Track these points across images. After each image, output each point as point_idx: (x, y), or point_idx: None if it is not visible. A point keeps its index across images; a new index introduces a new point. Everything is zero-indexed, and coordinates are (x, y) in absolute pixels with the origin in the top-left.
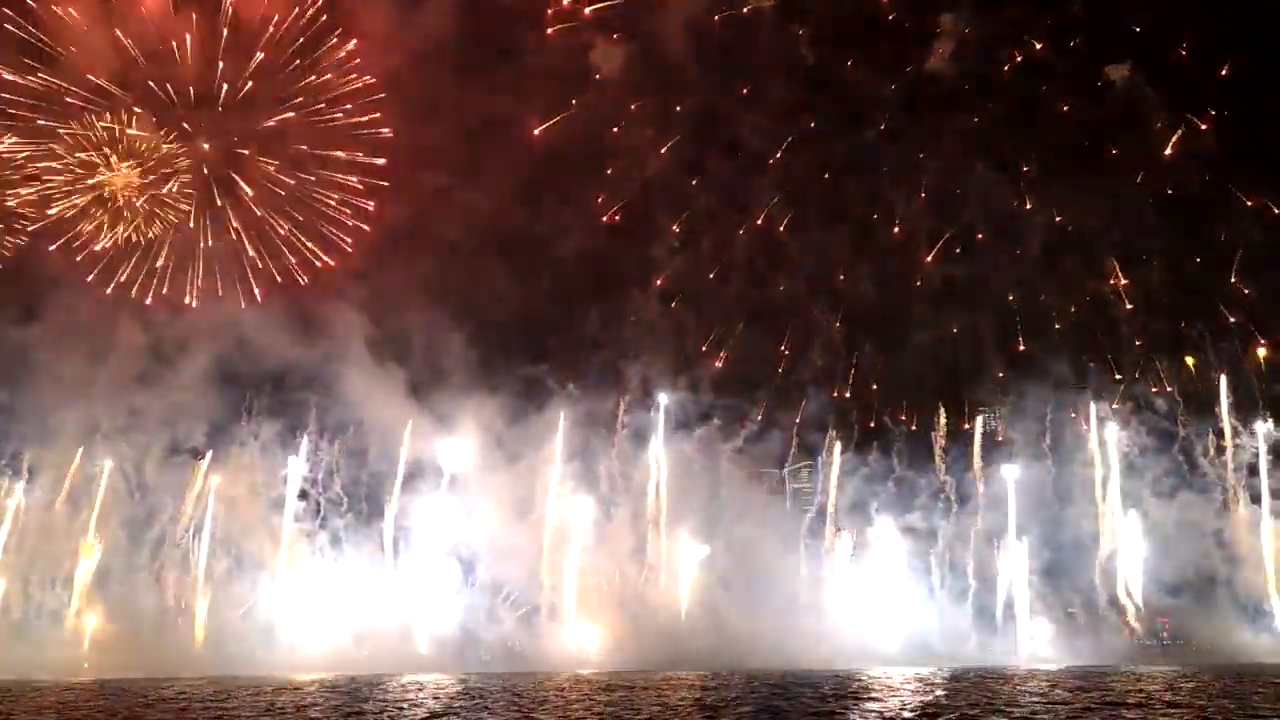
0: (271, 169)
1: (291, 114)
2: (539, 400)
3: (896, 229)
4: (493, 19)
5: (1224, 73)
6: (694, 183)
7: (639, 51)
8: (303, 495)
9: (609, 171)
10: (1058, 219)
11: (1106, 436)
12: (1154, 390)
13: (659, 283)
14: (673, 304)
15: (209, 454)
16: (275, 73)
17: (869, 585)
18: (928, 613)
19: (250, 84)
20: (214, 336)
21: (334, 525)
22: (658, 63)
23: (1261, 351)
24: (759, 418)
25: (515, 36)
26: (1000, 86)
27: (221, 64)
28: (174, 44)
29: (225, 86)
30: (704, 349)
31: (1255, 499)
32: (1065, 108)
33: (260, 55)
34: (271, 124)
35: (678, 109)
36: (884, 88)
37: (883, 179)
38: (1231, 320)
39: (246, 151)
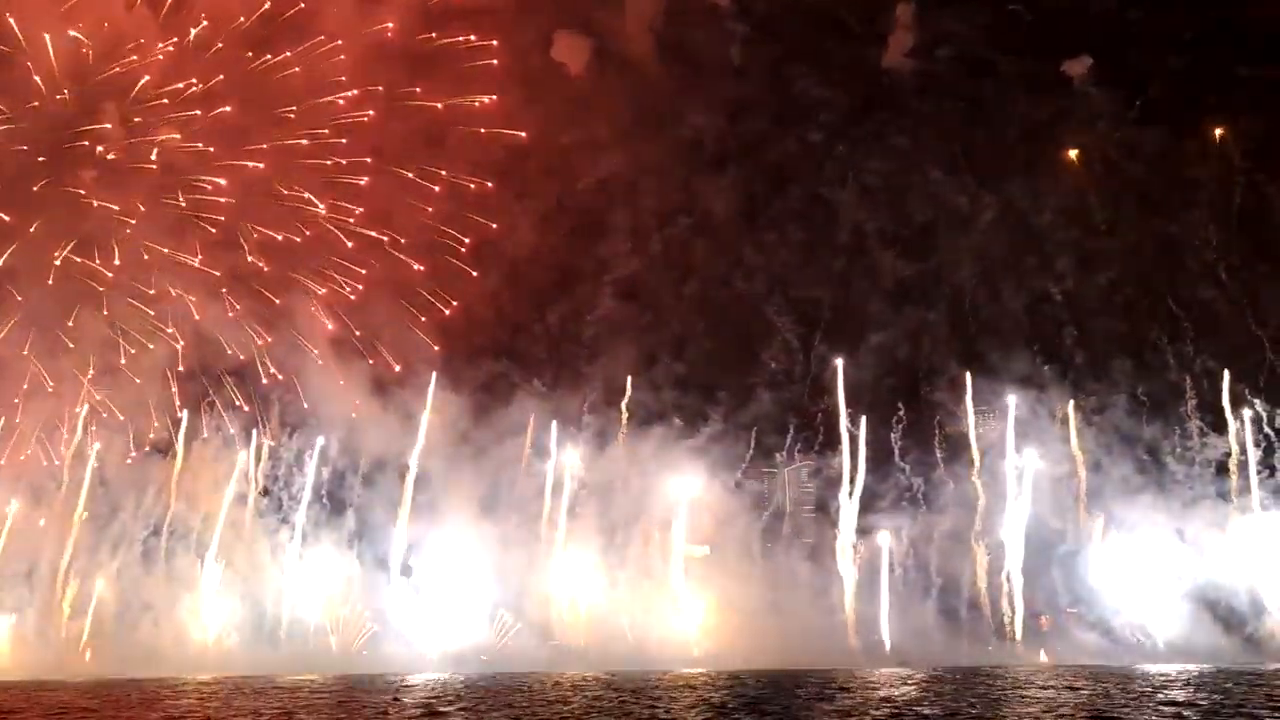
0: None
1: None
2: (506, 397)
3: (851, 228)
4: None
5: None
6: (649, 181)
7: (601, 48)
8: (265, 492)
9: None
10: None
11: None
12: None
13: (616, 282)
14: (631, 303)
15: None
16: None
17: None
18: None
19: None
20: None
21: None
22: (619, 60)
23: None
24: (720, 418)
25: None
26: (955, 82)
27: None
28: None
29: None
30: (664, 349)
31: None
32: (1020, 103)
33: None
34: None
35: (636, 106)
36: (838, 85)
37: (835, 178)
38: (1185, 322)
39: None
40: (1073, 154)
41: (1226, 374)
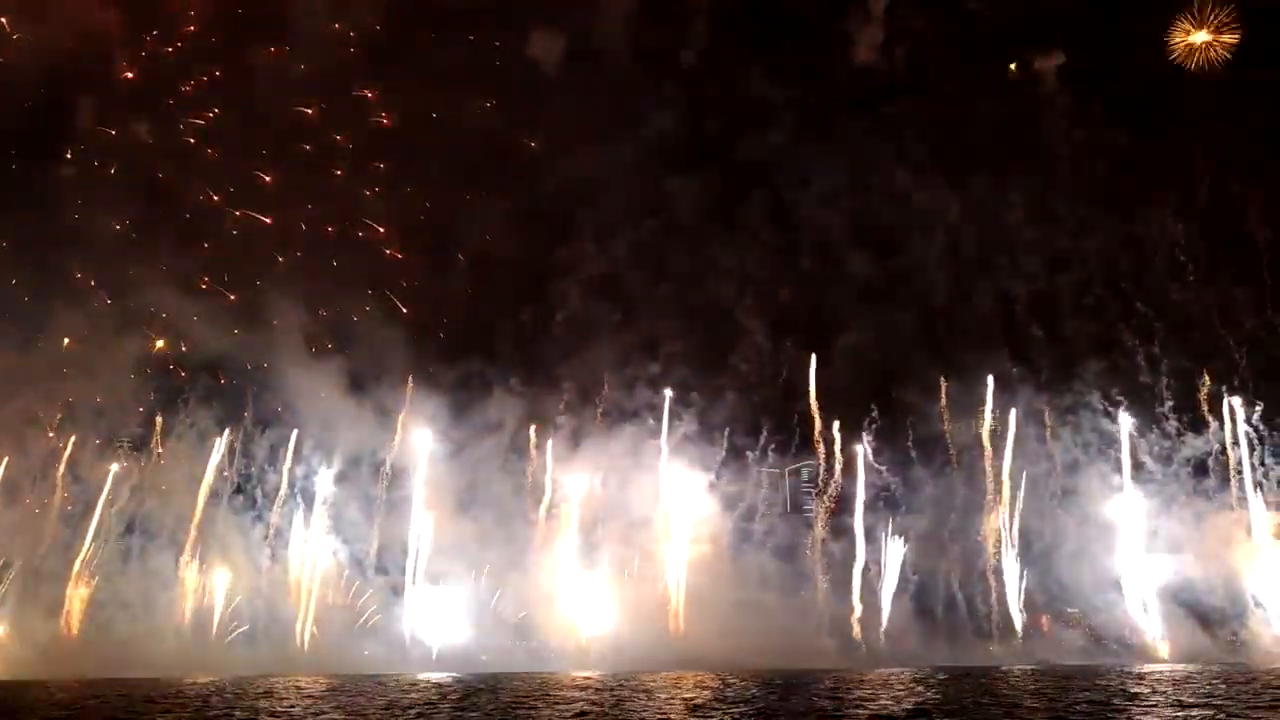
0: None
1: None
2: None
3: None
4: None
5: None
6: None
7: (574, 44)
8: (239, 490)
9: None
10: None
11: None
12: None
13: (586, 281)
14: (604, 302)
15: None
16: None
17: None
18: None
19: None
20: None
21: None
22: (591, 57)
23: None
24: (696, 419)
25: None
26: (923, 79)
27: None
28: None
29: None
30: (637, 349)
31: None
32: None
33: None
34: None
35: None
36: (806, 83)
37: (800, 178)
38: (1155, 322)
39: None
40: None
41: (1206, 375)
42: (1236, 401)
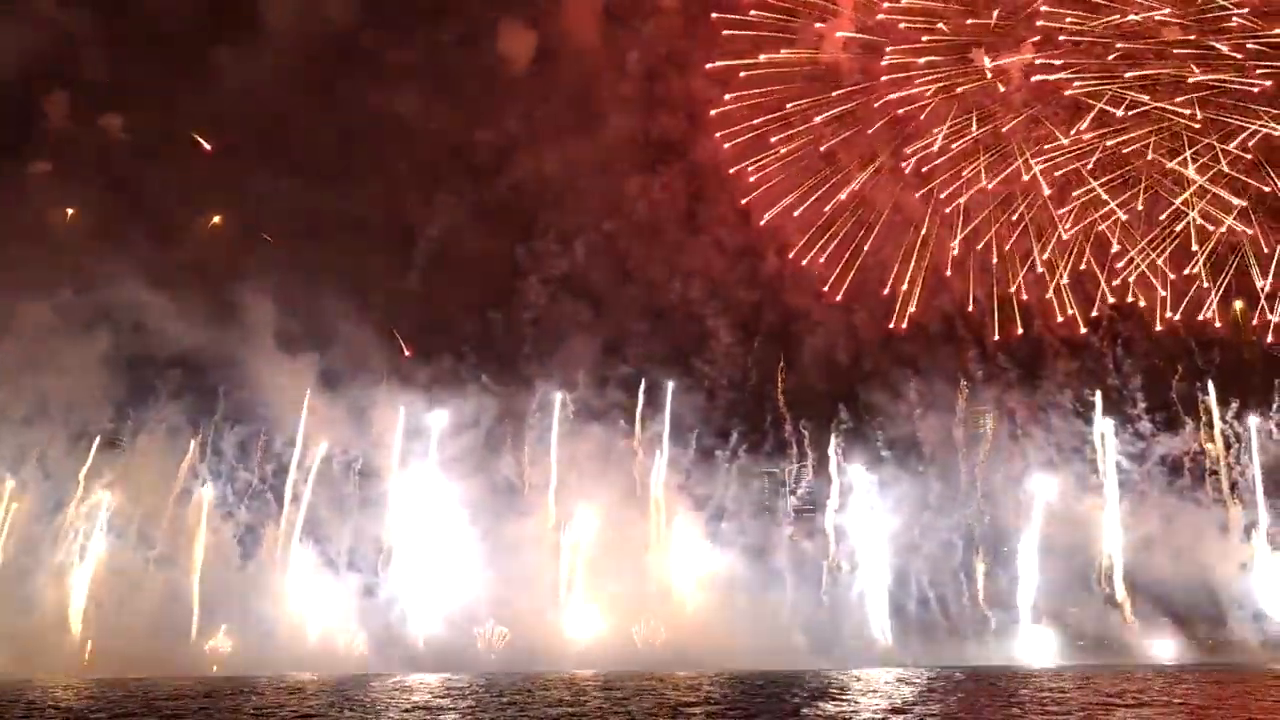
0: None
1: None
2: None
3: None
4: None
5: None
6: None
7: (546, 43)
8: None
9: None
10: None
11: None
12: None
13: (554, 281)
14: (573, 303)
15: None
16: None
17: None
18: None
19: None
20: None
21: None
22: (563, 55)
23: None
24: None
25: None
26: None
27: None
28: None
29: None
30: (605, 350)
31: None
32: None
33: None
34: None
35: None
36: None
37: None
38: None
39: None
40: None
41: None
42: (1212, 400)
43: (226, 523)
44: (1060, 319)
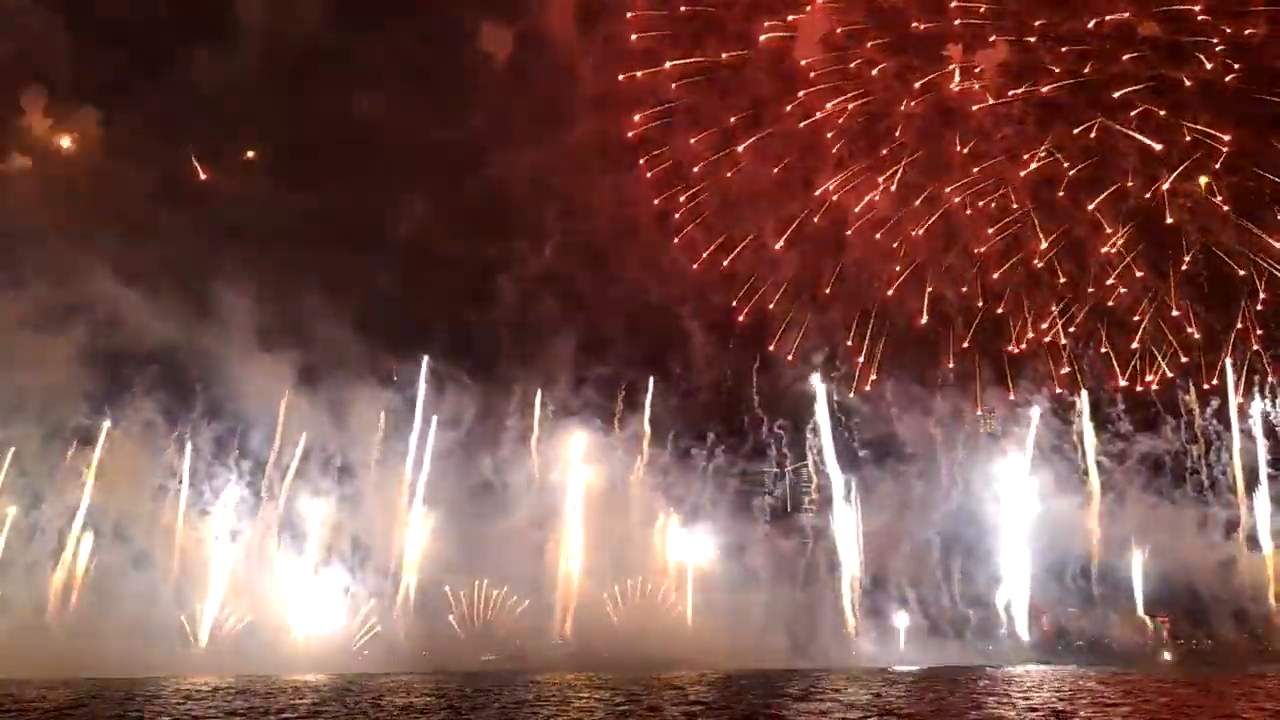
0: None
1: None
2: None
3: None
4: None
5: None
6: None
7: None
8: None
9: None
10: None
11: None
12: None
13: (532, 280)
14: (550, 301)
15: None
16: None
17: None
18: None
19: None
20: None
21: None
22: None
23: None
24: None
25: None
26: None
27: None
28: None
29: None
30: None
31: None
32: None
33: None
34: None
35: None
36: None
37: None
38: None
39: None
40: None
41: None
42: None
43: (204, 519)
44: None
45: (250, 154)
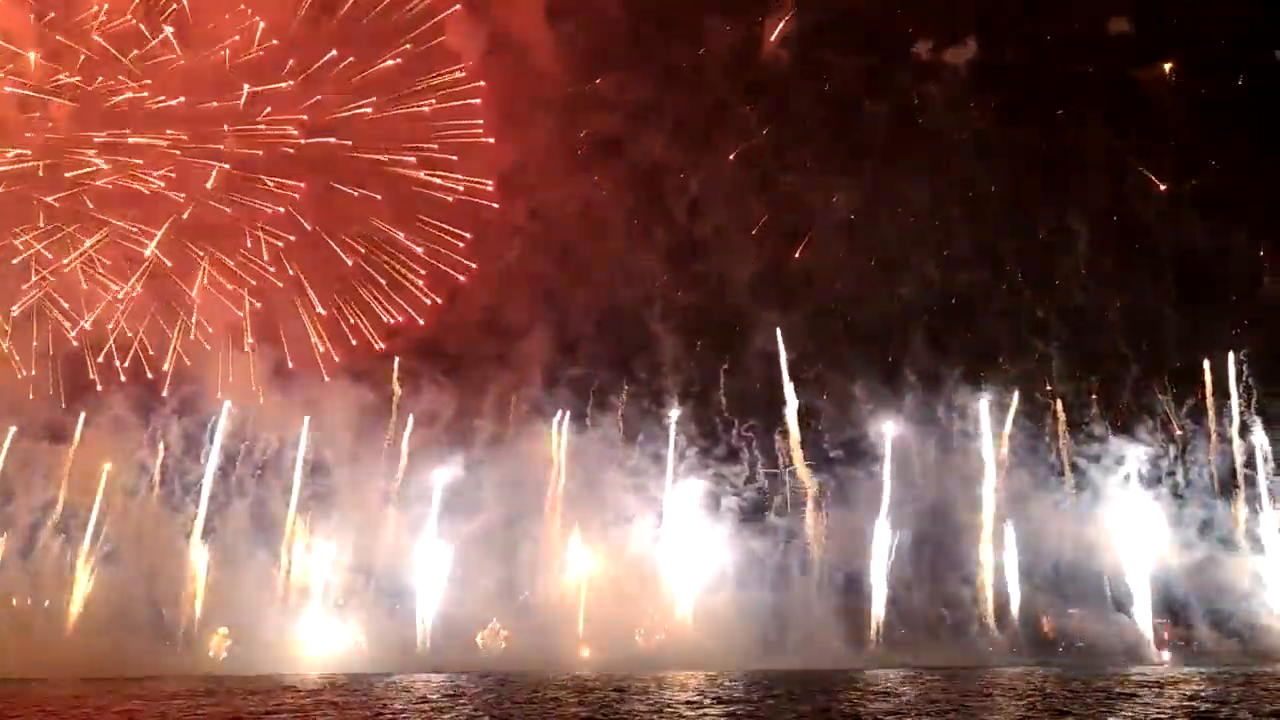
0: None
1: None
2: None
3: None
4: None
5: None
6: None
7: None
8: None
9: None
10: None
11: None
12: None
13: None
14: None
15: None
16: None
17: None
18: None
19: None
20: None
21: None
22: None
23: None
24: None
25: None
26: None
27: None
28: None
29: None
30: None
31: None
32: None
33: None
34: None
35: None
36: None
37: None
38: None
39: None
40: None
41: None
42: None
43: (176, 516)
44: None
45: None
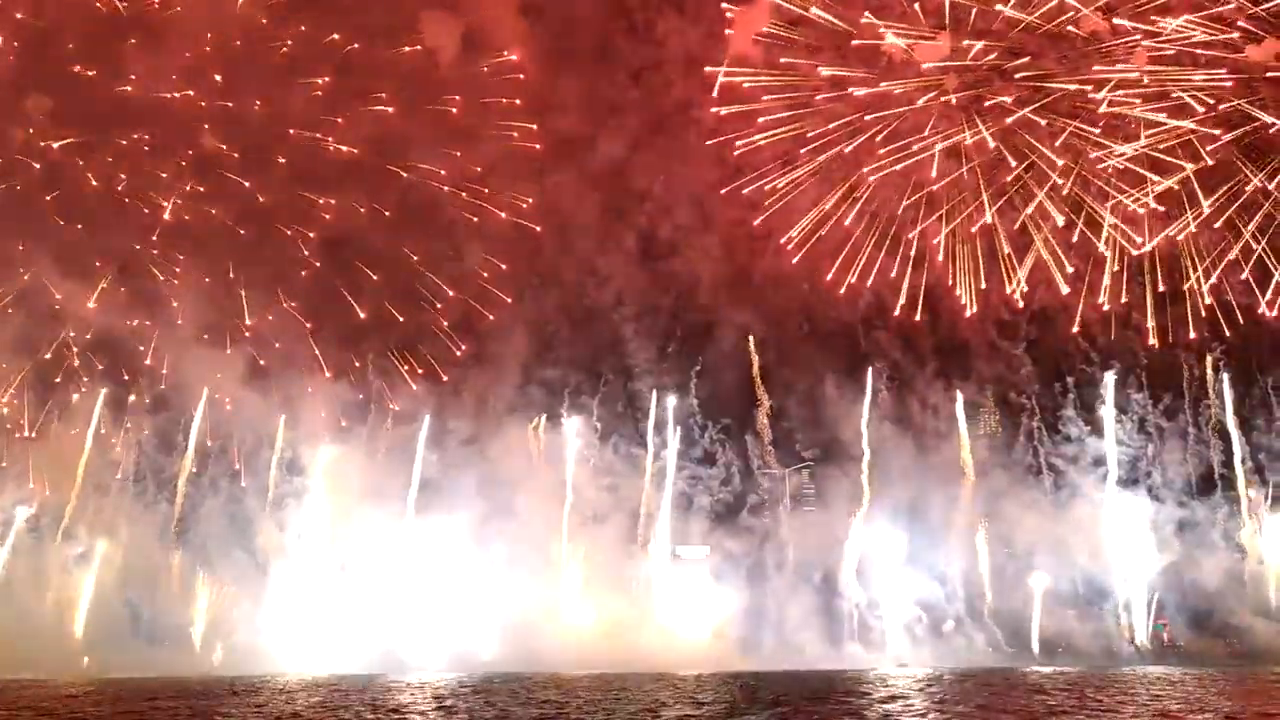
0: None
1: None
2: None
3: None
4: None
5: None
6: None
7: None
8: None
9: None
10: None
11: None
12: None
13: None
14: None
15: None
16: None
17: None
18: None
19: None
20: None
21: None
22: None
23: None
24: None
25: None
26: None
27: None
28: None
29: None
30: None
31: None
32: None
33: None
34: None
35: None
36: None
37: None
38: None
39: None
40: None
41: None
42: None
43: (150, 513)
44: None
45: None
